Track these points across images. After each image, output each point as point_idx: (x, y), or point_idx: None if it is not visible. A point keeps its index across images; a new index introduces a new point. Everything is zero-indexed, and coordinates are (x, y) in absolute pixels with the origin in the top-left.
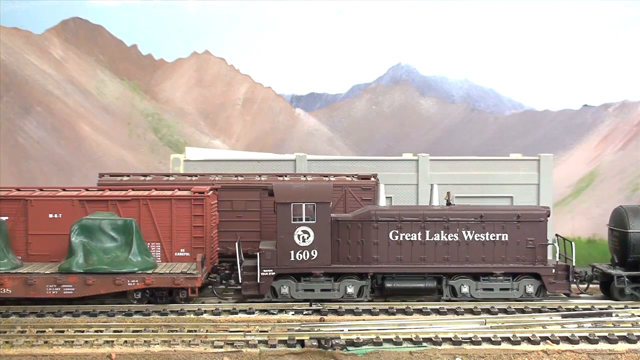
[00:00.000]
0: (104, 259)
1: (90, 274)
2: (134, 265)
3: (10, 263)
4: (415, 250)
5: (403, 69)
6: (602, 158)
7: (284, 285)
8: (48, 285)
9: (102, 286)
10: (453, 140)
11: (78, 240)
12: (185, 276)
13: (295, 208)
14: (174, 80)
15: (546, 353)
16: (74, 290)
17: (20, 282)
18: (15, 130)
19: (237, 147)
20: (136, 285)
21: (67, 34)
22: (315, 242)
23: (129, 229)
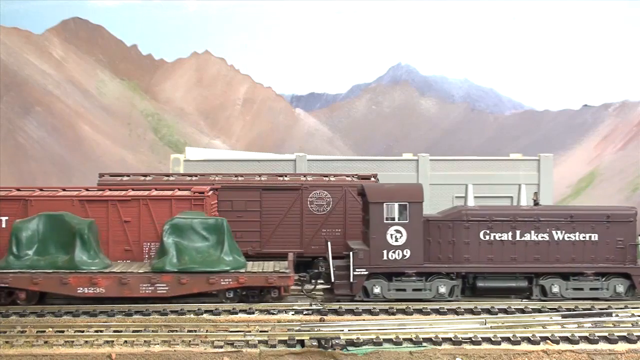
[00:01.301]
0: (196, 258)
1: (183, 273)
2: (227, 264)
3: (102, 263)
4: (506, 250)
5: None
6: (602, 158)
7: (376, 285)
8: (142, 285)
9: (196, 285)
10: (453, 140)
11: (170, 240)
12: (278, 275)
13: (387, 208)
14: (174, 80)
15: (546, 353)
16: (168, 290)
17: (115, 282)
18: (15, 130)
19: (237, 147)
20: (229, 285)
21: (67, 34)
22: (407, 241)
23: (219, 228)
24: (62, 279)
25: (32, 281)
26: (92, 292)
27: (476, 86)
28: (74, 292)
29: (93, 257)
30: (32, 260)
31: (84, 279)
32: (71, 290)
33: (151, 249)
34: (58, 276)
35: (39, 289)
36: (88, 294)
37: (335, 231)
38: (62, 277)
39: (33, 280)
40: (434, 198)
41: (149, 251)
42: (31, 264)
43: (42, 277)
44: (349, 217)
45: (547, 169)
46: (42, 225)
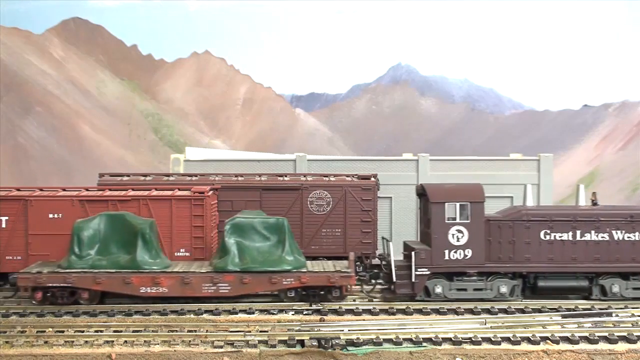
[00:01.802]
0: (258, 258)
1: (245, 272)
2: (289, 264)
3: (163, 262)
4: (566, 249)
5: (403, 69)
6: (602, 158)
7: (437, 284)
8: (204, 284)
9: (258, 285)
10: (453, 140)
11: (232, 240)
12: (341, 274)
13: (449, 208)
14: (174, 80)
15: (546, 353)
16: (230, 289)
17: (177, 281)
18: (15, 130)
19: (237, 147)
20: (291, 284)
21: (67, 34)
22: (469, 241)
23: (280, 227)
24: (125, 279)
25: (95, 281)
26: (155, 292)
27: (476, 86)
28: (136, 292)
29: (155, 256)
30: (94, 260)
31: (146, 278)
32: (134, 290)
33: None
34: (121, 276)
35: (102, 289)
36: (151, 293)
37: (335, 231)
38: (125, 276)
39: (96, 280)
40: None
41: None
42: (93, 263)
43: (105, 276)
44: (349, 217)
45: (547, 169)
46: (104, 225)
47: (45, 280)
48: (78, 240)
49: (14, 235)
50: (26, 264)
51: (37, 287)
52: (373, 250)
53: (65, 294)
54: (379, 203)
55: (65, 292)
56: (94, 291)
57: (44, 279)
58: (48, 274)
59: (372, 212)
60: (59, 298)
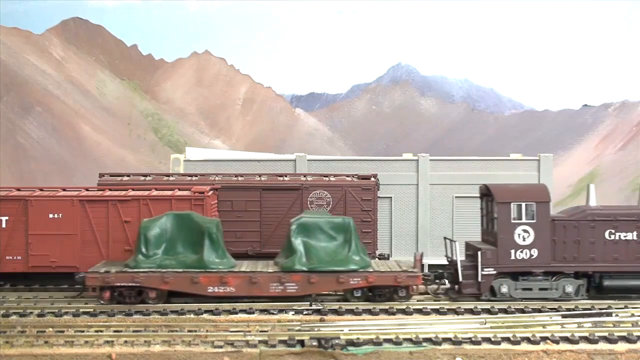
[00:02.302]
0: (324, 258)
1: (312, 272)
2: (355, 264)
3: (229, 262)
4: (631, 249)
5: (403, 69)
6: (602, 158)
7: (503, 284)
8: (272, 284)
9: (325, 284)
10: (453, 140)
11: (299, 239)
12: (407, 274)
13: (515, 208)
14: (174, 80)
15: (546, 353)
16: (297, 289)
17: (245, 281)
18: (15, 130)
19: (237, 147)
20: (358, 284)
21: (67, 34)
22: (535, 241)
23: (346, 227)
24: (193, 278)
25: (163, 280)
26: (222, 291)
27: (476, 86)
28: (204, 291)
29: (221, 256)
30: (161, 260)
31: (214, 278)
32: (201, 290)
33: None
34: (189, 275)
35: (170, 288)
36: (218, 292)
37: None
38: (193, 276)
39: (164, 279)
40: (434, 198)
41: None
42: (160, 263)
43: (173, 276)
44: (349, 217)
45: (547, 169)
46: (170, 225)
47: (114, 279)
48: (145, 239)
49: (14, 235)
50: (26, 264)
51: (105, 286)
52: (373, 250)
53: (132, 293)
54: (379, 203)
55: (132, 292)
56: (161, 290)
57: (112, 279)
58: (116, 274)
59: (372, 212)
60: (127, 297)
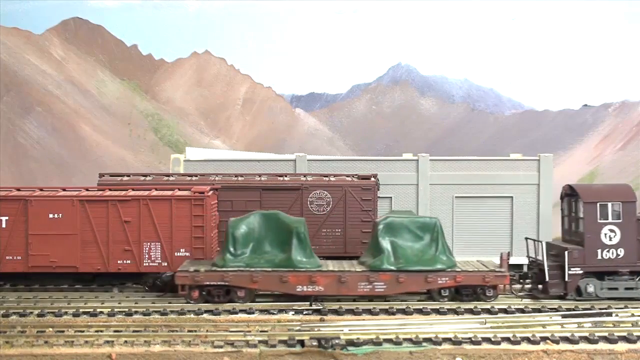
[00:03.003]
0: (411, 257)
1: (400, 271)
2: (443, 263)
3: (316, 262)
4: None
5: (403, 69)
6: (602, 158)
7: (589, 284)
8: (360, 283)
9: (413, 284)
10: (453, 140)
11: (386, 239)
12: (495, 274)
13: (601, 207)
14: (174, 80)
15: (546, 353)
16: (385, 288)
17: (333, 280)
18: (15, 130)
19: (237, 147)
20: (446, 283)
21: (67, 34)
22: (621, 241)
23: (432, 227)
24: (282, 277)
25: (252, 279)
26: (311, 290)
27: (476, 86)
28: (292, 291)
29: (309, 255)
30: (248, 259)
31: (303, 277)
32: (290, 289)
33: (151, 249)
34: (278, 274)
35: (259, 287)
36: (307, 292)
37: (335, 231)
38: (282, 275)
39: (253, 278)
40: (434, 198)
41: (149, 251)
42: (248, 262)
43: (262, 275)
44: (349, 217)
45: (547, 169)
46: (257, 224)
47: (203, 278)
48: (233, 238)
49: (14, 235)
50: (26, 264)
51: (194, 285)
52: None
53: (221, 292)
54: (379, 203)
55: (221, 291)
56: (249, 289)
57: (201, 277)
58: (205, 272)
59: (372, 212)
60: (215, 297)
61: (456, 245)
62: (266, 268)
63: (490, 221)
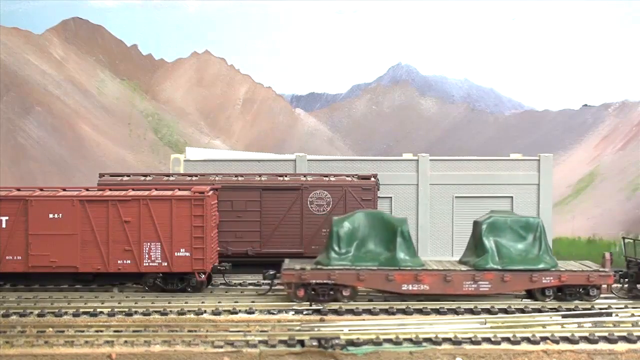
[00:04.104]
0: (515, 257)
1: (505, 271)
2: (546, 263)
3: (419, 260)
4: None
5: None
6: (602, 158)
7: None
8: (465, 282)
9: (518, 283)
10: (453, 140)
11: (490, 238)
12: (599, 274)
13: None
14: (174, 80)
15: (546, 353)
16: (490, 287)
17: (439, 279)
18: (15, 130)
19: (237, 147)
20: (550, 283)
21: (67, 34)
22: None
23: (535, 226)
24: (388, 276)
25: (358, 278)
26: (416, 289)
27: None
28: (398, 289)
29: (412, 254)
30: (353, 257)
31: (408, 275)
32: (396, 287)
33: (151, 249)
34: (384, 273)
35: (364, 286)
36: (412, 290)
37: None
38: (388, 273)
39: (359, 276)
40: (434, 198)
41: (149, 251)
42: (353, 260)
43: (368, 273)
44: None
45: (547, 169)
46: (361, 223)
47: (309, 276)
48: (338, 237)
49: (14, 235)
50: (26, 264)
51: (300, 283)
52: None
53: (326, 290)
54: (379, 203)
55: (326, 289)
56: (353, 288)
57: (307, 275)
58: (312, 271)
59: None
60: (320, 295)
61: (456, 245)
62: (371, 266)
63: None
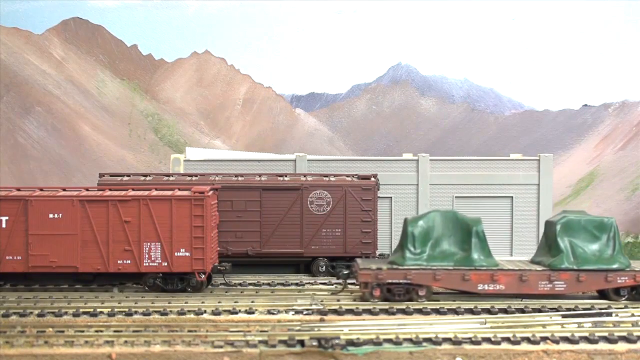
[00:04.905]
0: (590, 257)
1: (581, 270)
2: (621, 263)
3: (494, 260)
4: None
5: (403, 69)
6: (602, 158)
7: None
8: (540, 282)
9: (593, 283)
10: (453, 140)
11: (564, 238)
12: None
13: None
14: (174, 80)
15: (546, 353)
16: (565, 287)
17: (515, 279)
18: (15, 130)
19: (237, 147)
20: (625, 283)
21: (67, 34)
22: None
23: (609, 227)
24: (464, 276)
25: (434, 277)
26: (492, 289)
27: (476, 86)
28: (474, 289)
29: (487, 254)
30: (428, 257)
31: (485, 275)
32: (471, 287)
33: (151, 249)
34: (460, 272)
35: (441, 286)
36: (488, 290)
37: (335, 231)
38: (464, 273)
39: (435, 276)
40: (434, 198)
41: (149, 251)
42: (428, 260)
43: (444, 273)
44: (349, 217)
45: (547, 169)
46: (435, 222)
47: (386, 276)
48: (413, 237)
49: (14, 235)
50: (26, 264)
51: (377, 283)
52: (373, 250)
53: (402, 290)
54: (379, 203)
55: (402, 289)
56: (428, 288)
57: (384, 275)
58: (388, 271)
59: (372, 212)
60: (396, 295)
61: None
62: (446, 266)
63: (490, 221)
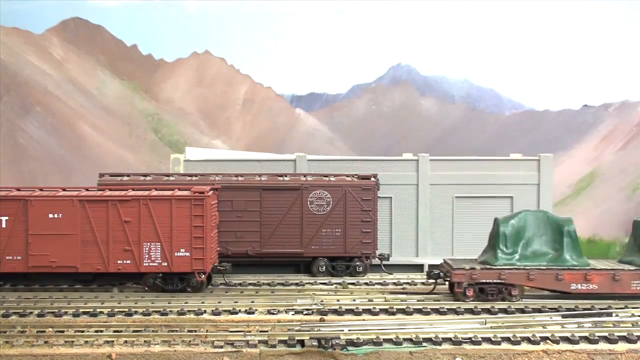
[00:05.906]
0: None
1: None
2: None
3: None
4: None
5: (403, 69)
6: (602, 158)
7: None
8: (633, 282)
9: None
10: (453, 140)
11: None
12: None
13: None
14: (174, 80)
15: (546, 353)
16: None
17: (607, 278)
18: (15, 130)
19: (237, 147)
20: None
21: (67, 34)
22: None
23: None
24: (558, 275)
25: (528, 277)
26: (585, 289)
27: (476, 86)
28: (567, 289)
29: (579, 254)
30: (519, 257)
31: (578, 275)
32: (565, 287)
33: (151, 249)
34: (553, 272)
35: (534, 285)
36: (581, 290)
37: (335, 231)
38: (558, 273)
39: (529, 276)
40: (434, 198)
41: (149, 251)
42: (520, 260)
43: (537, 273)
44: (349, 217)
45: (547, 169)
46: (526, 222)
47: (480, 276)
48: (505, 237)
49: (14, 235)
50: (26, 264)
51: (470, 283)
52: (373, 250)
53: (495, 290)
54: (379, 203)
55: (495, 289)
56: (521, 287)
57: (478, 275)
58: (482, 271)
59: (372, 212)
60: (490, 295)
61: (456, 245)
62: (538, 266)
63: (490, 221)
